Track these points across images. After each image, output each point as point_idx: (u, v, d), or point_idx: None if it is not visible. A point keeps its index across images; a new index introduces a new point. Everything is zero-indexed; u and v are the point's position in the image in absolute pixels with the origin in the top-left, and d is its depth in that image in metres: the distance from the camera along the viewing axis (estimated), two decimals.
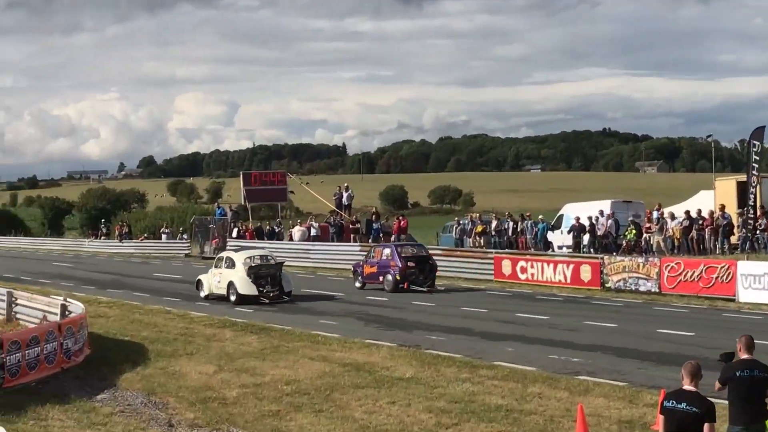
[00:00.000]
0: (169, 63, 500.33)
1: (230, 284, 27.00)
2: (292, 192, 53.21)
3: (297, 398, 13.54)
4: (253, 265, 27.32)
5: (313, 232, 41.30)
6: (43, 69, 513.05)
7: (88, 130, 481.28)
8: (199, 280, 28.79)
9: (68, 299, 19.90)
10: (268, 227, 44.75)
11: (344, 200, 43.42)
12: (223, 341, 18.81)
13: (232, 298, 26.67)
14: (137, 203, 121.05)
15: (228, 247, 40.47)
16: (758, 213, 29.36)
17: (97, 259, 48.00)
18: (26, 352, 15.35)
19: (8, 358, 14.92)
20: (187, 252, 47.60)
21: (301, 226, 42.65)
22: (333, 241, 40.30)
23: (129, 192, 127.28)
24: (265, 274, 27.19)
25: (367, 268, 30.56)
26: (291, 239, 42.22)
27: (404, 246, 31.53)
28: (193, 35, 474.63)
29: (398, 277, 28.80)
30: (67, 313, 18.57)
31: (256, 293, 26.55)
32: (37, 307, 20.69)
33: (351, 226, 40.74)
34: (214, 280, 27.98)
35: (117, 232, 56.45)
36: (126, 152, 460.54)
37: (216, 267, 28.25)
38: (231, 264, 27.44)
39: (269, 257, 28.91)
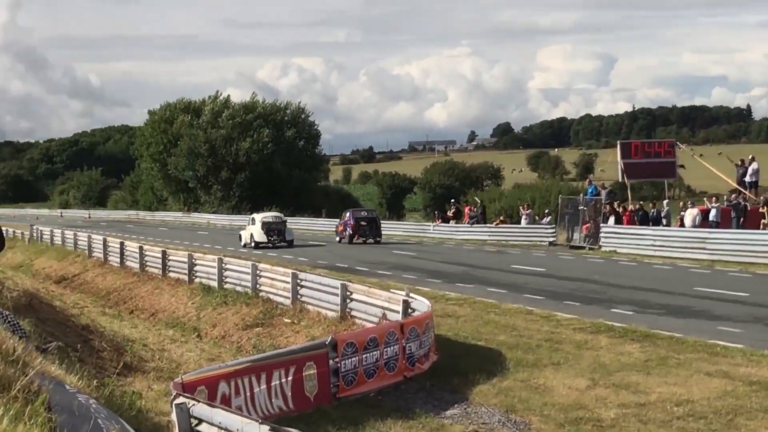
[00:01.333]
0: (530, 9, 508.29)
1: (251, 235, 51.34)
2: (682, 166, 51.81)
3: (690, 423, 13.28)
4: (266, 221, 51.86)
5: (711, 216, 40.11)
6: (382, 20, 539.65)
7: (434, 92, 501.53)
8: (240, 235, 53.68)
9: (411, 294, 20.62)
10: (652, 210, 44.00)
11: (748, 176, 41.76)
12: (597, 350, 18.77)
13: (252, 244, 50.40)
14: (491, 180, 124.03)
15: (602, 235, 41.88)
16: None
17: (443, 247, 49.48)
18: (363, 356, 16.12)
19: (343, 363, 15.74)
20: (551, 240, 47.93)
21: (693, 208, 41.59)
22: (734, 227, 38.92)
23: (481, 166, 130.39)
24: (274, 228, 51.36)
25: (339, 227, 55.15)
26: (681, 225, 41.30)
27: (359, 210, 57.47)
28: None
29: (350, 232, 52.72)
30: (409, 311, 19.30)
31: (266, 240, 50.33)
32: (375, 303, 21.45)
33: (759, 210, 39.14)
34: (246, 234, 52.45)
35: (467, 215, 57.91)
36: (478, 119, 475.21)
37: (248, 225, 53.23)
38: (253, 222, 52.38)
39: (279, 217, 53.97)
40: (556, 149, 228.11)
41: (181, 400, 10.77)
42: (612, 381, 15.98)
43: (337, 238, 54.46)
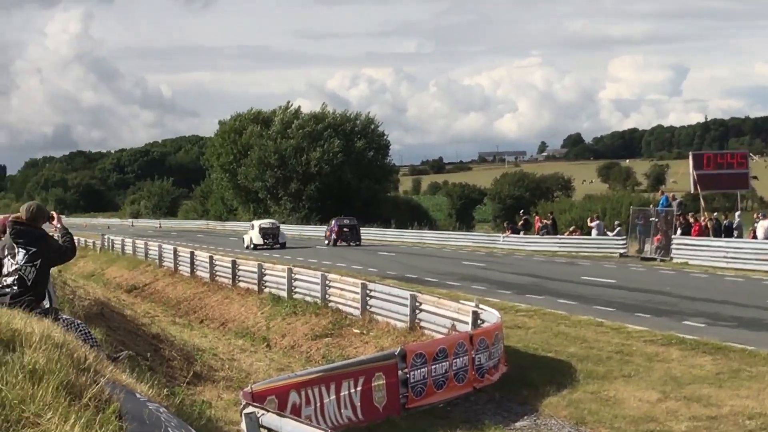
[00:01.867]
0: (601, 19, 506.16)
1: (251, 238, 61.35)
2: (755, 177, 51.26)
3: None
4: (263, 227, 62.34)
5: None
6: (452, 31, 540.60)
7: (504, 103, 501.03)
8: (243, 238, 64.12)
9: (481, 305, 20.60)
10: (725, 221, 43.47)
11: None
12: (669, 362, 18.56)
13: (251, 246, 60.27)
14: (561, 191, 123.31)
15: (673, 246, 41.42)
16: None
17: (513, 258, 49.27)
18: (432, 367, 16.12)
19: (412, 373, 15.75)
20: (622, 251, 47.57)
21: (766, 219, 41.00)
22: None
23: (551, 177, 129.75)
24: (269, 233, 61.63)
25: (327, 232, 66.00)
26: (754, 236, 40.74)
27: (342, 219, 66.78)
28: None
29: (334, 236, 62.82)
30: (479, 322, 19.26)
31: (263, 243, 60.30)
32: (445, 314, 21.39)
33: None
34: (248, 237, 62.60)
35: (537, 226, 57.66)
36: (548, 129, 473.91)
37: (249, 230, 63.89)
38: (253, 227, 63.30)
39: (274, 223, 65.67)
40: (628, 160, 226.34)
41: (250, 409, 10.80)
42: (683, 393, 15.80)
43: (326, 242, 65.14)
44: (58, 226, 10.85)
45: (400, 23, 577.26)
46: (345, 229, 63.86)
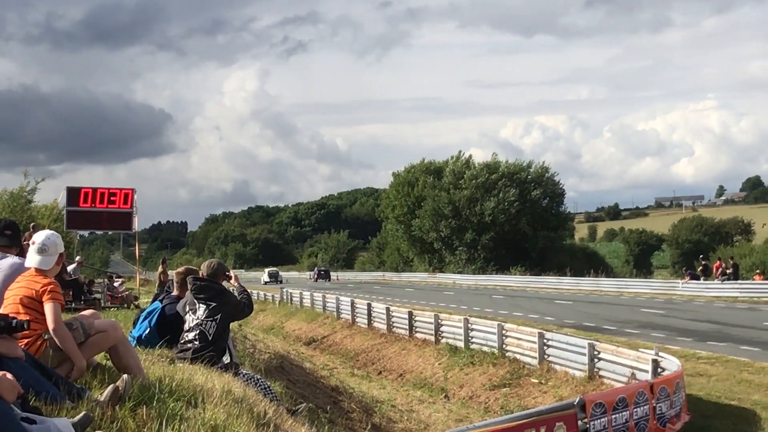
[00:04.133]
0: None
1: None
2: None
3: None
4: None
5: None
6: (625, 76, 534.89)
7: (680, 147, 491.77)
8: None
9: (660, 353, 20.19)
10: None
11: None
12: None
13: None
14: (741, 235, 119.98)
15: None
16: None
17: (693, 305, 48.04)
18: (612, 417, 15.77)
19: (592, 423, 15.44)
20: None
21: None
22: None
23: (731, 221, 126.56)
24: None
25: (313, 274, 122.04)
26: None
27: (320, 267, 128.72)
28: None
29: (315, 276, 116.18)
30: (659, 370, 18.85)
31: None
32: (624, 363, 21.09)
33: None
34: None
35: (717, 271, 56.25)
36: (726, 173, 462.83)
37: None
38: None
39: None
40: None
41: None
42: None
43: (310, 279, 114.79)
44: (236, 285, 11.17)
45: (573, 70, 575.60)
46: (321, 272, 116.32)
